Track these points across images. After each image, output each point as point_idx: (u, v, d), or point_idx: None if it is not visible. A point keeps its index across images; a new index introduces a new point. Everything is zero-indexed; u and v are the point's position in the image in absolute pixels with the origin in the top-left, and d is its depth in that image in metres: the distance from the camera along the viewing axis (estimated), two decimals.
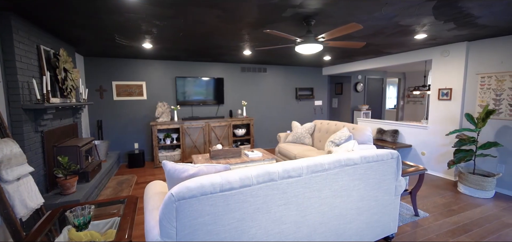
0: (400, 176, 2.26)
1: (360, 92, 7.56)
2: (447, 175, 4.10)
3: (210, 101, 5.75)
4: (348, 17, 2.54)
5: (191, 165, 1.69)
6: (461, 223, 2.69)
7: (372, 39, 3.58)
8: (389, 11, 2.41)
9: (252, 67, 6.17)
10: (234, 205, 1.50)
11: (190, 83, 5.50)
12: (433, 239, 2.41)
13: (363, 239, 2.13)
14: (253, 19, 2.59)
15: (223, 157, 3.65)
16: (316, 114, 7.25)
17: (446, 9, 2.36)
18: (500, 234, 2.47)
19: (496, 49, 3.47)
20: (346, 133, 3.51)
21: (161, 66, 5.34)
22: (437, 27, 2.96)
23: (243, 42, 3.69)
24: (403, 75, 8.37)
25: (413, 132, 4.60)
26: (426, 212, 2.95)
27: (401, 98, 8.52)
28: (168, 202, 1.33)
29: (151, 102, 5.34)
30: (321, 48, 2.66)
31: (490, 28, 3.03)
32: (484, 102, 3.62)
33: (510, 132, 3.38)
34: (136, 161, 4.91)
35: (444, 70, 4.04)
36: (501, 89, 3.44)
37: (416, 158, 4.58)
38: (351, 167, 1.94)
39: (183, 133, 5.10)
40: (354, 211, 2.02)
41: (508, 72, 3.36)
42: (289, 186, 1.69)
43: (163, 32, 3.10)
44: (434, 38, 3.55)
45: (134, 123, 5.27)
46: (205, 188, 1.41)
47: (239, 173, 1.53)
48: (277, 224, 1.68)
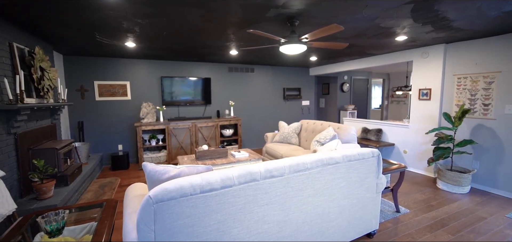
0: (381, 174, 2.32)
1: (346, 92, 7.70)
2: (427, 172, 4.26)
3: (197, 101, 5.68)
4: (330, 18, 2.58)
5: (172, 167, 1.66)
6: (439, 218, 2.79)
7: (355, 41, 3.65)
8: (370, 13, 2.46)
9: (240, 67, 6.15)
10: (215, 206, 1.48)
11: (177, 83, 5.41)
12: (413, 234, 2.49)
13: (346, 236, 2.17)
14: (237, 18, 2.58)
15: (209, 158, 3.62)
16: (303, 114, 7.32)
17: (424, 12, 2.45)
18: (474, 227, 2.59)
19: (470, 52, 3.63)
20: (331, 132, 3.56)
21: (146, 66, 5.22)
22: (416, 29, 3.06)
23: (229, 41, 3.68)
24: (387, 75, 8.61)
25: (396, 131, 4.74)
26: (407, 208, 3.04)
27: (386, 98, 8.76)
28: (145, 205, 1.30)
29: (136, 103, 5.21)
30: (305, 49, 2.68)
31: (465, 31, 3.16)
32: (460, 102, 3.78)
33: (484, 130, 3.55)
34: (120, 163, 4.78)
35: (424, 71, 4.18)
36: (475, 89, 3.60)
37: (398, 156, 4.72)
38: (333, 166, 1.97)
39: (169, 134, 5.01)
40: (336, 209, 2.06)
41: (481, 74, 3.52)
42: (272, 186, 1.69)
43: (146, 30, 3.03)
44: (414, 40, 3.67)
45: (118, 124, 5.12)
46: (185, 190, 1.39)
47: (220, 174, 1.52)
48: (260, 224, 1.68)
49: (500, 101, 3.36)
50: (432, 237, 2.43)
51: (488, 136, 3.51)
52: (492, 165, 3.49)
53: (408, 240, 2.39)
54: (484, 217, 2.81)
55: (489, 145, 3.51)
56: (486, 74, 3.48)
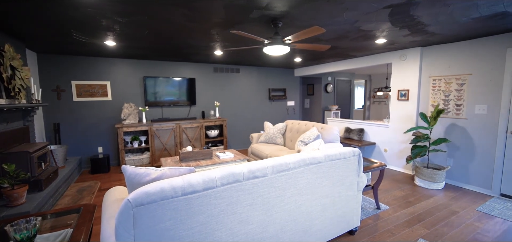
0: (361, 172, 2.39)
1: (330, 93, 7.87)
2: (406, 170, 4.44)
3: (182, 102, 5.59)
4: (312, 21, 2.63)
5: (153, 169, 1.63)
6: (416, 214, 2.92)
7: (338, 43, 3.74)
8: (351, 16, 2.54)
9: (225, 68, 6.12)
10: (198, 208, 1.47)
11: (161, 83, 5.29)
12: (392, 230, 2.59)
13: (328, 234, 2.22)
14: (221, 19, 2.57)
15: (193, 160, 3.57)
16: (289, 114, 7.40)
17: (400, 17, 2.55)
18: (448, 221, 2.73)
19: (444, 55, 3.83)
20: (314, 132, 3.63)
21: (127, 65, 5.06)
22: (394, 33, 3.18)
23: (214, 42, 3.65)
24: (369, 77, 8.90)
25: (377, 131, 4.90)
26: (387, 205, 3.15)
27: (368, 99, 9.05)
28: (124, 209, 1.26)
29: (117, 103, 5.04)
30: (289, 50, 2.72)
31: (438, 36, 3.34)
32: (435, 102, 3.98)
33: (457, 129, 3.76)
34: (100, 166, 4.60)
35: (402, 73, 4.36)
36: (449, 90, 3.80)
37: (379, 154, 4.89)
38: (315, 166, 2.01)
39: (152, 135, 4.89)
40: (319, 207, 2.10)
41: (454, 76, 3.73)
42: (255, 187, 1.69)
43: (126, 29, 2.94)
44: (392, 43, 3.82)
45: (97, 126, 4.93)
46: (166, 193, 1.36)
47: (202, 176, 1.50)
48: (243, 225, 1.68)
49: (471, 102, 3.57)
50: (409, 232, 2.53)
51: (460, 134, 3.72)
52: (464, 162, 3.70)
53: (388, 235, 2.48)
54: (456, 211, 2.97)
55: (461, 143, 3.72)
56: (458, 76, 3.69)
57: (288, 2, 2.15)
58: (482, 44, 3.42)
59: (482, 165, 3.51)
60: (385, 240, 2.40)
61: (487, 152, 3.46)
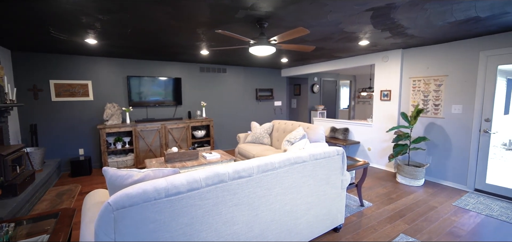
0: (345, 171, 2.45)
1: (316, 93, 8.00)
2: (388, 168, 4.59)
3: (168, 102, 5.49)
4: (297, 22, 2.67)
5: (136, 171, 1.59)
6: (398, 210, 3.02)
7: (323, 44, 3.81)
8: (334, 18, 2.59)
9: (212, 67, 6.07)
10: (182, 210, 1.45)
11: (146, 83, 5.17)
12: (375, 226, 2.67)
13: (313, 232, 2.25)
14: (206, 18, 2.55)
15: (179, 161, 3.51)
16: (276, 114, 7.45)
17: (381, 20, 2.64)
18: (427, 216, 2.85)
19: (423, 57, 4.00)
20: (300, 132, 3.68)
21: (110, 64, 4.91)
22: (376, 35, 3.28)
23: (199, 41, 3.61)
24: (354, 77, 9.11)
25: (361, 130, 5.04)
26: (370, 202, 3.25)
27: (352, 99, 9.27)
28: (104, 212, 1.23)
29: (99, 103, 4.87)
30: (274, 50, 2.74)
31: (418, 38, 3.48)
32: (415, 102, 4.14)
33: (435, 128, 3.93)
34: (81, 169, 4.43)
35: (385, 74, 4.51)
36: (427, 91, 3.97)
37: (363, 153, 5.02)
38: (300, 165, 2.04)
39: (136, 136, 4.77)
40: (304, 206, 2.13)
41: (432, 77, 3.90)
42: (240, 187, 1.70)
43: (108, 27, 2.85)
44: (375, 45, 3.94)
45: (78, 127, 4.74)
46: (148, 194, 1.34)
47: (186, 177, 1.48)
48: (229, 225, 1.68)
49: (448, 102, 3.75)
50: (391, 228, 2.62)
51: (438, 133, 3.90)
52: (442, 160, 3.88)
53: (371, 231, 2.55)
54: (435, 206, 3.11)
55: (439, 141, 3.89)
56: (436, 77, 3.86)
57: (273, 3, 2.16)
58: (457, 47, 3.60)
59: (458, 162, 3.69)
60: (368, 236, 2.47)
61: (462, 150, 3.64)
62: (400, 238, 2.41)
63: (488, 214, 2.88)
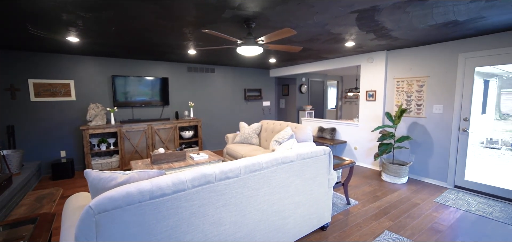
0: (332, 170, 2.49)
1: (304, 93, 8.09)
2: (374, 166, 4.71)
3: (155, 102, 5.38)
4: (285, 23, 2.69)
5: (120, 173, 1.55)
6: (383, 207, 3.11)
7: (310, 45, 3.86)
8: (321, 19, 2.63)
9: (200, 67, 6.01)
10: (167, 212, 1.42)
11: (132, 82, 5.04)
12: (361, 223, 2.73)
13: (301, 231, 2.27)
14: (193, 18, 2.52)
15: (165, 162, 3.45)
16: (264, 115, 7.47)
17: (366, 22, 2.70)
18: (410, 213, 2.94)
19: (406, 58, 4.13)
20: (288, 132, 3.71)
21: (93, 63, 4.75)
22: (362, 36, 3.36)
23: (187, 41, 3.56)
24: (341, 78, 9.29)
25: (347, 130, 5.14)
26: (356, 200, 3.32)
27: (340, 99, 9.44)
28: (85, 216, 1.18)
29: (82, 104, 4.71)
30: (262, 51, 2.74)
31: (401, 40, 3.59)
32: (399, 103, 4.27)
33: (418, 127, 4.07)
34: (63, 172, 4.26)
35: (370, 75, 4.62)
36: (410, 91, 4.11)
37: (350, 152, 5.12)
38: (287, 165, 2.05)
39: (121, 137, 4.64)
40: (292, 205, 2.14)
41: (415, 78, 4.04)
42: (227, 187, 1.69)
43: (91, 25, 2.76)
44: (360, 46, 4.03)
45: (59, 128, 4.56)
46: (132, 197, 1.30)
47: (172, 178, 1.46)
48: (216, 226, 1.67)
49: (429, 102, 3.89)
50: (376, 225, 2.69)
51: (420, 132, 4.03)
52: (424, 158, 4.02)
53: (357, 229, 2.61)
54: (417, 203, 3.22)
55: (421, 140, 4.03)
56: (418, 78, 3.99)
57: (260, 3, 2.17)
58: (438, 49, 3.74)
59: (439, 160, 3.84)
60: (354, 233, 2.52)
61: (443, 148, 3.79)
62: (385, 235, 2.48)
63: (467, 209, 3.01)
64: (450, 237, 2.44)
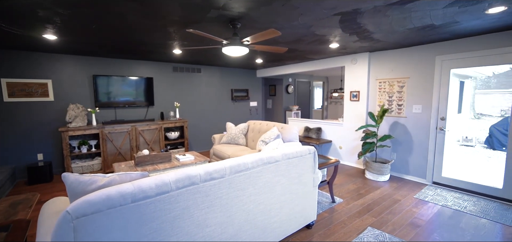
0: (317, 169, 2.54)
1: (291, 94, 8.17)
2: (358, 165, 4.83)
3: (139, 102, 5.24)
4: (270, 24, 2.71)
5: (101, 176, 1.50)
6: (366, 204, 3.20)
7: (295, 45, 3.91)
8: (306, 21, 2.67)
9: (185, 67, 5.92)
10: (150, 215, 1.39)
11: (115, 82, 4.88)
12: (345, 221, 2.79)
13: (287, 230, 2.30)
14: (177, 17, 2.48)
15: (150, 164, 3.38)
16: (251, 115, 7.48)
17: (349, 24, 2.78)
18: (391, 209, 3.05)
19: (388, 60, 4.28)
20: (275, 132, 3.73)
21: (73, 62, 4.57)
22: (345, 38, 3.45)
23: (171, 40, 3.50)
24: (326, 79, 9.47)
25: (333, 129, 5.25)
26: (341, 198, 3.39)
27: (326, 99, 9.62)
28: (62, 222, 1.14)
29: (60, 104, 4.51)
30: (247, 51, 2.75)
31: (383, 42, 3.71)
32: (381, 103, 4.42)
33: (399, 127, 4.22)
34: (40, 176, 4.06)
35: (354, 76, 4.75)
36: (392, 92, 4.26)
37: (335, 151, 5.23)
38: (273, 165, 2.07)
39: (104, 139, 4.49)
40: (277, 205, 2.16)
41: (396, 79, 4.19)
42: (212, 188, 1.68)
43: (70, 22, 2.65)
44: (344, 48, 4.13)
45: (36, 130, 4.35)
46: (113, 200, 1.27)
47: (155, 180, 1.43)
48: (201, 228, 1.65)
49: (410, 102, 4.05)
50: (360, 222, 2.76)
51: (401, 131, 4.19)
52: (405, 156, 4.18)
53: (341, 226, 2.67)
54: (399, 199, 3.34)
55: (402, 139, 4.19)
56: (399, 79, 4.15)
57: (245, 4, 2.17)
58: (417, 51, 3.90)
59: (419, 158, 4.00)
60: (338, 231, 2.58)
61: (422, 146, 3.95)
62: (368, 231, 2.55)
63: (444, 204, 3.16)
64: (428, 231, 2.56)
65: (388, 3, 2.18)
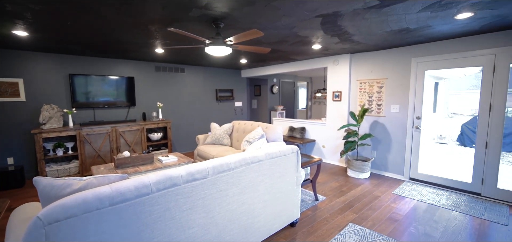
0: (300, 168, 2.58)
1: (275, 94, 8.24)
2: (340, 163, 4.97)
3: (120, 103, 5.07)
4: (253, 24, 2.72)
5: (77, 179, 1.44)
6: (348, 201, 3.29)
7: (279, 46, 3.95)
8: (288, 22, 2.71)
9: (168, 67, 5.80)
10: (129, 218, 1.36)
11: (94, 82, 4.68)
12: (328, 218, 2.86)
13: (271, 229, 2.32)
14: (158, 15, 2.43)
15: (131, 166, 3.28)
16: (236, 115, 7.46)
17: (330, 26, 2.85)
18: (371, 205, 3.16)
19: (368, 61, 4.44)
20: (259, 132, 3.75)
21: (47, 60, 4.33)
22: (327, 40, 3.53)
23: (153, 39, 3.42)
24: (310, 79, 9.64)
25: (316, 129, 5.35)
26: (324, 195, 3.47)
27: (309, 99, 9.79)
28: (33, 228, 1.08)
29: (33, 105, 4.26)
30: (231, 51, 2.74)
31: (363, 44, 3.84)
32: (362, 103, 4.57)
33: (378, 126, 4.39)
34: (10, 181, 3.82)
35: (336, 76, 4.87)
36: (372, 92, 4.42)
37: (318, 150, 5.34)
38: (256, 164, 2.08)
39: (81, 141, 4.30)
40: (261, 204, 2.17)
41: (375, 79, 4.35)
42: (195, 189, 1.66)
43: (42, 18, 2.51)
44: (327, 49, 4.23)
45: (6, 132, 4.08)
46: (89, 204, 1.22)
47: (134, 182, 1.39)
48: (183, 230, 1.63)
49: (388, 102, 4.22)
50: (342, 218, 2.84)
51: (381, 130, 4.36)
52: (384, 153, 4.35)
53: (324, 223, 2.73)
54: (378, 195, 3.47)
55: (381, 137, 4.36)
56: (378, 80, 4.31)
57: (228, 4, 2.17)
58: (394, 53, 4.08)
59: (397, 155, 4.18)
60: (321, 228, 2.64)
61: (400, 144, 4.13)
62: (349, 227, 2.63)
63: (420, 199, 3.32)
64: (405, 225, 2.68)
65: (366, 6, 2.26)
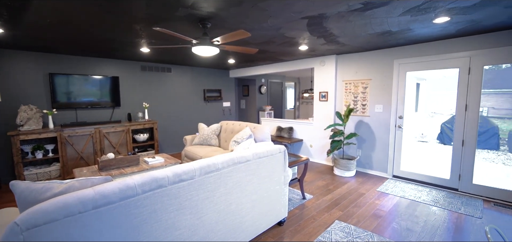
0: (287, 167, 2.61)
1: (264, 94, 8.28)
2: (327, 162, 5.06)
3: (104, 103, 4.92)
4: (240, 24, 2.73)
5: (58, 182, 1.39)
6: (334, 199, 3.37)
7: (266, 47, 3.98)
8: (275, 23, 2.74)
9: (155, 66, 5.70)
10: (114, 221, 1.33)
11: (76, 81, 4.52)
12: (315, 216, 2.91)
13: (259, 228, 2.33)
14: (143, 14, 2.39)
15: (116, 168, 3.20)
16: (225, 115, 7.43)
17: (316, 27, 2.91)
18: (357, 202, 3.25)
19: (353, 62, 4.55)
20: (247, 132, 3.76)
21: (25, 59, 4.14)
22: (313, 41, 3.60)
23: (138, 38, 3.35)
24: (298, 79, 9.76)
25: (304, 128, 5.43)
26: (311, 194, 3.53)
27: (297, 100, 9.91)
28: (9, 235, 1.04)
29: (9, 105, 4.06)
30: (218, 51, 2.74)
31: (348, 46, 3.94)
32: (347, 103, 4.68)
33: (363, 125, 4.51)
34: None
35: (322, 77, 4.97)
36: (357, 92, 4.54)
37: (306, 150, 5.42)
38: (244, 164, 2.09)
39: (62, 142, 4.14)
40: (249, 204, 2.19)
41: (360, 80, 4.47)
42: (181, 190, 1.65)
43: (19, 14, 2.41)
44: (313, 50, 4.31)
45: None
46: (71, 208, 1.19)
47: (118, 185, 1.37)
48: (170, 232, 1.61)
49: (372, 102, 4.35)
50: (328, 216, 2.90)
51: (365, 129, 4.48)
52: (369, 152, 4.48)
53: (311, 221, 2.78)
54: (363, 193, 3.57)
55: (366, 136, 4.48)
56: (363, 81, 4.43)
57: (215, 4, 2.16)
58: (378, 55, 4.21)
59: (381, 153, 4.32)
60: (308, 226, 2.68)
61: (383, 143, 4.27)
62: (335, 224, 2.69)
63: (402, 195, 3.45)
64: (388, 221, 2.78)
65: (350, 9, 2.32)
